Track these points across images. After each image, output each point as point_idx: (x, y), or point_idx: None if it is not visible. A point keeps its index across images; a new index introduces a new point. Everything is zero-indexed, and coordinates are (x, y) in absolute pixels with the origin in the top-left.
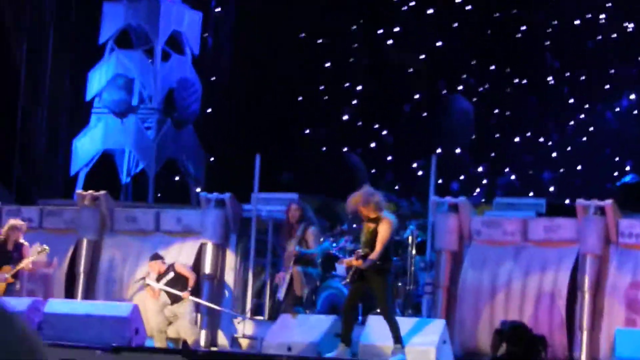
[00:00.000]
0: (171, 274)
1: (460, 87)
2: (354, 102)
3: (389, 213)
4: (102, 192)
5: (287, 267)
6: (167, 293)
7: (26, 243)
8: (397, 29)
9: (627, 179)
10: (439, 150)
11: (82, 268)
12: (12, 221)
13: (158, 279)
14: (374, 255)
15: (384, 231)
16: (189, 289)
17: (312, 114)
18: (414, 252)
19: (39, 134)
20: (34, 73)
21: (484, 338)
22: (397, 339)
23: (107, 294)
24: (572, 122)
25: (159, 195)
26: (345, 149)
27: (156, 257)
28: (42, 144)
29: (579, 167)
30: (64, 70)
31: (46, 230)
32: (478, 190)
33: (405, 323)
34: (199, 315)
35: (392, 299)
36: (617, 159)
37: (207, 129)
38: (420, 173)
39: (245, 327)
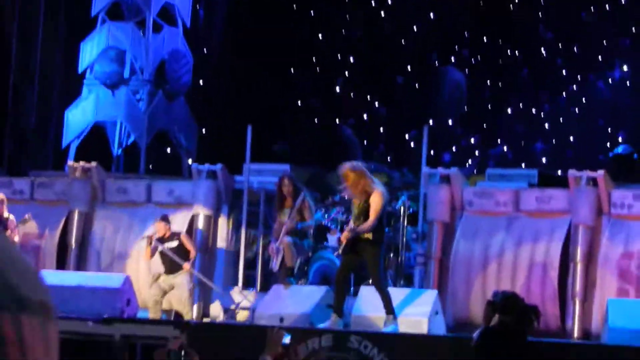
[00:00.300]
0: (175, 242)
1: (453, 59)
2: (347, 73)
3: (379, 184)
4: (94, 163)
5: (278, 238)
6: (164, 261)
7: (11, 216)
8: (390, 1)
9: (620, 149)
10: (431, 122)
11: (73, 239)
12: None
13: (162, 241)
14: (367, 224)
15: (375, 203)
16: (189, 261)
17: (305, 85)
18: (405, 223)
19: (30, 106)
20: (25, 45)
21: (476, 309)
22: (389, 309)
23: (98, 266)
24: (564, 94)
25: (150, 166)
26: (337, 121)
27: (165, 219)
28: (33, 115)
29: (571, 138)
30: (55, 42)
31: (37, 202)
32: (470, 161)
33: (397, 294)
34: (192, 286)
35: (384, 270)
36: (609, 129)
37: (198, 101)
38: (412, 144)
39: (243, 298)
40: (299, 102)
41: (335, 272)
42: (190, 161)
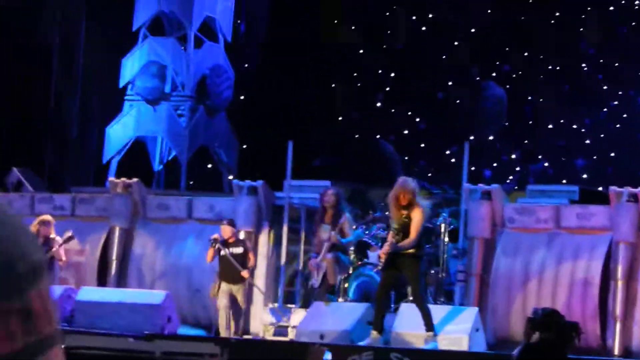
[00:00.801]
0: (240, 249)
1: (494, 74)
2: (387, 88)
3: (422, 200)
4: (135, 179)
5: (318, 253)
6: (224, 267)
7: (57, 237)
8: (431, 15)
9: None
10: (471, 137)
11: (114, 256)
12: (42, 216)
13: (226, 245)
14: (408, 240)
15: (417, 219)
16: (249, 268)
17: (346, 100)
18: (446, 239)
19: (71, 122)
20: (67, 60)
21: (516, 326)
22: (429, 326)
23: (139, 282)
24: (605, 109)
25: (191, 182)
26: (378, 136)
27: (231, 223)
28: (74, 131)
29: (612, 154)
30: (97, 57)
31: (78, 218)
32: (511, 177)
33: (437, 311)
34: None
35: (424, 287)
36: None
37: (239, 116)
38: (453, 160)
39: (279, 316)
40: (340, 117)
41: (375, 289)
42: (231, 177)
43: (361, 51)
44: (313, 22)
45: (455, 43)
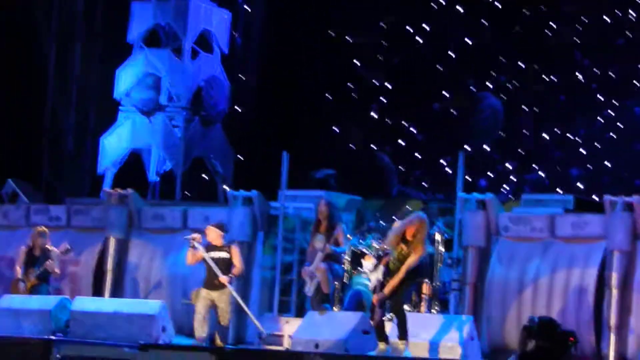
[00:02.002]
0: (225, 254)
1: (489, 85)
2: (383, 99)
3: (427, 244)
4: (130, 190)
5: (311, 262)
6: (206, 270)
7: (54, 249)
8: (426, 27)
9: None
10: (467, 148)
11: (109, 266)
12: (39, 228)
13: (209, 249)
14: (393, 282)
15: (413, 259)
16: (231, 275)
17: (341, 111)
18: (441, 248)
19: (67, 133)
20: (63, 71)
21: (511, 334)
22: (403, 335)
23: (134, 292)
24: (600, 119)
25: (186, 193)
26: (373, 147)
27: (221, 227)
28: (70, 142)
29: (607, 164)
30: (93, 68)
31: (74, 229)
32: (506, 186)
33: (432, 319)
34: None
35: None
36: None
37: (235, 128)
38: (448, 170)
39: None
40: (335, 128)
41: (370, 298)
42: (226, 188)
43: (356, 62)
44: (309, 34)
45: (451, 54)
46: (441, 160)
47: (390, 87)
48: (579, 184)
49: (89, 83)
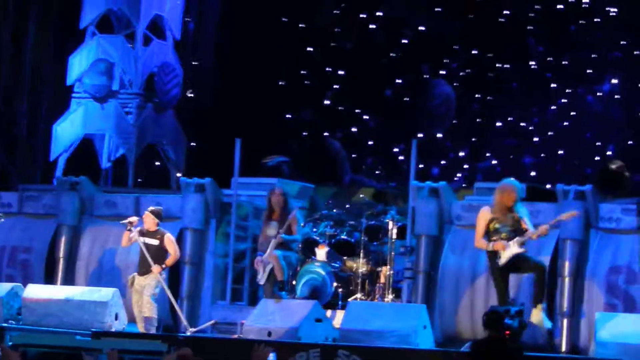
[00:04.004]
0: (156, 241)
1: (443, 72)
2: (336, 86)
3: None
4: (82, 177)
5: (264, 251)
6: (140, 259)
7: None
8: (379, 13)
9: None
10: (420, 135)
11: (61, 253)
12: None
13: (143, 234)
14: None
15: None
16: (164, 266)
17: (294, 98)
18: (394, 237)
19: (19, 119)
20: (15, 58)
21: (464, 323)
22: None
23: (87, 279)
24: (554, 107)
25: (139, 180)
26: (326, 134)
27: (157, 214)
28: (22, 128)
29: (560, 152)
30: (45, 55)
31: (26, 215)
32: (459, 175)
33: (385, 308)
34: (181, 300)
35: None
36: (598, 143)
37: (188, 114)
38: (401, 158)
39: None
40: (288, 115)
41: (323, 286)
42: (179, 175)
43: (309, 49)
44: (261, 20)
45: (404, 41)
46: (394, 149)
47: (343, 73)
48: (532, 172)
49: (42, 69)
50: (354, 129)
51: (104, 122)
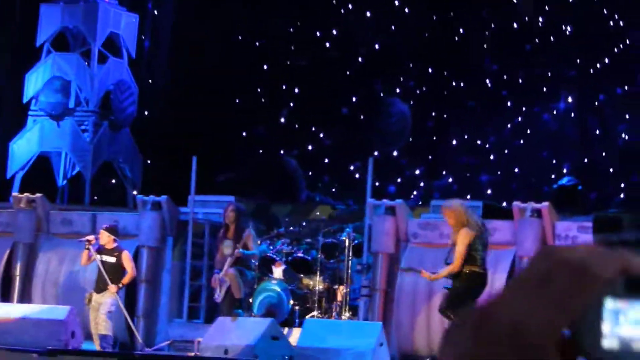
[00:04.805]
0: (113, 259)
1: (398, 90)
2: (291, 104)
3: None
4: (38, 194)
5: (220, 269)
6: (97, 276)
7: None
8: (335, 32)
9: (564, 181)
10: (376, 153)
11: (17, 271)
12: None
13: (101, 252)
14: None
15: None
16: (120, 285)
17: (249, 116)
18: (350, 254)
19: None
20: None
21: (421, 340)
22: None
23: (43, 297)
24: (509, 125)
25: (95, 198)
26: (282, 152)
27: (113, 231)
28: None
29: (516, 170)
30: (1, 72)
31: None
32: (415, 192)
33: (342, 326)
34: (137, 318)
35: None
36: (554, 161)
37: (143, 132)
38: (357, 175)
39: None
40: (244, 133)
41: (280, 304)
42: (135, 192)
43: (265, 67)
44: (217, 38)
45: (359, 59)
46: (350, 166)
47: (298, 91)
48: (488, 190)
49: None
50: (309, 147)
51: (60, 140)
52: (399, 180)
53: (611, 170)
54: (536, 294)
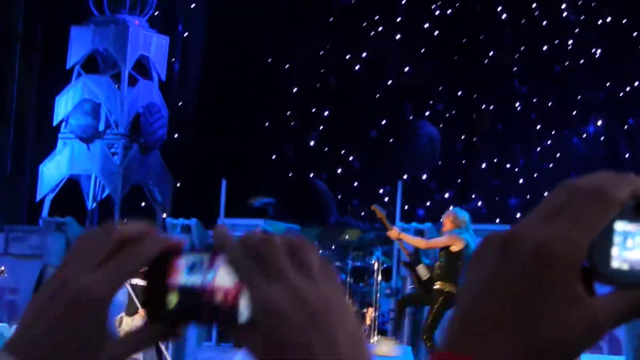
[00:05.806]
0: (144, 282)
1: (427, 113)
2: (321, 127)
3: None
4: (68, 217)
5: None
6: (129, 298)
7: None
8: (364, 55)
9: None
10: (405, 176)
11: None
12: None
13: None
14: None
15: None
16: None
17: (279, 139)
18: (379, 278)
19: (4, 159)
20: (1, 98)
21: None
22: None
23: None
24: (539, 148)
25: (125, 221)
26: (311, 175)
27: None
28: (7, 169)
29: (545, 194)
30: (31, 94)
31: (11, 256)
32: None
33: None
34: (167, 342)
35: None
36: None
37: (173, 155)
38: (386, 199)
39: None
40: (274, 156)
41: None
42: (164, 215)
43: (295, 90)
44: (247, 61)
45: (389, 82)
46: (380, 190)
47: (328, 114)
48: (517, 214)
49: (28, 109)
50: (339, 170)
51: (90, 163)
52: (428, 203)
53: None
54: (557, 217)
